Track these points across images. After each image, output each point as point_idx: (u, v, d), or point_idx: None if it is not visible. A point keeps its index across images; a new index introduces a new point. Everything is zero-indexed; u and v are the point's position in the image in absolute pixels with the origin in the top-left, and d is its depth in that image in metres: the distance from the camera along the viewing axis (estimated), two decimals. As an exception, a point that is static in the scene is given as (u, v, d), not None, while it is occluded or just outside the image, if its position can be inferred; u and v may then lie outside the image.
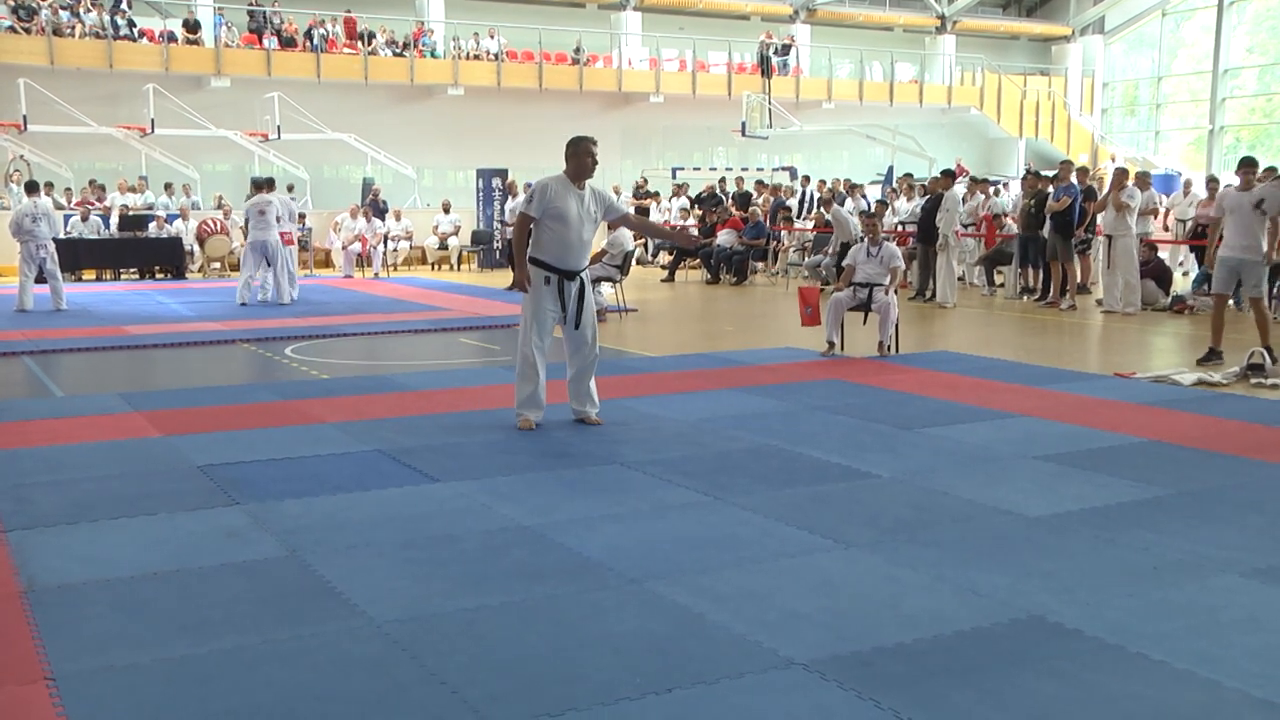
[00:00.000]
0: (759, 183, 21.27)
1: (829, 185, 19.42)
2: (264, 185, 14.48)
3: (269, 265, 14.23)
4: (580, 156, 6.55)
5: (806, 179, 20.93)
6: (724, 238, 18.16)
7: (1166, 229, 18.68)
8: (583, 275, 6.70)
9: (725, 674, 3.29)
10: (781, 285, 17.12)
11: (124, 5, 22.52)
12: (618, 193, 23.19)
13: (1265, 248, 9.21)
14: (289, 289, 14.49)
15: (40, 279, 13.60)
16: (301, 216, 19.53)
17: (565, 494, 5.32)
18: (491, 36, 25.70)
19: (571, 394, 6.88)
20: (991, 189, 17.43)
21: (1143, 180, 14.70)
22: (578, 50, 26.37)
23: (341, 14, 24.40)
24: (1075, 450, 6.12)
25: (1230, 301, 13.12)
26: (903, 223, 16.69)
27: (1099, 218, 13.40)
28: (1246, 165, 9.46)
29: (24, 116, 19.97)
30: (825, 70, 30.15)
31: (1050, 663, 3.37)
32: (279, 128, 21.98)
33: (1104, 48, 34.39)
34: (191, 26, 23.08)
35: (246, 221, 14.35)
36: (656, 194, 22.90)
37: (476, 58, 25.37)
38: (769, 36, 28.74)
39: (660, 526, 4.77)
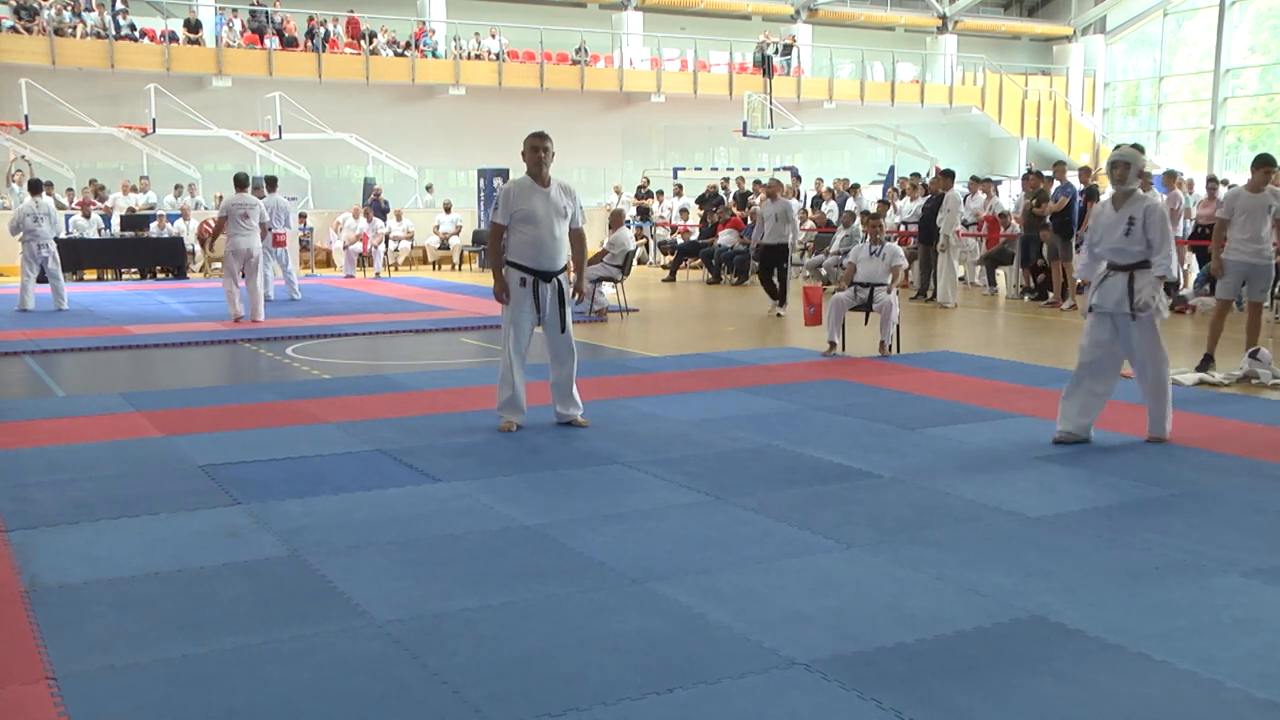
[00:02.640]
0: (757, 183, 21.29)
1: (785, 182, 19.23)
2: (247, 184, 12.81)
3: (244, 276, 12.36)
4: (527, 154, 6.54)
5: (798, 179, 20.94)
6: (725, 237, 18.16)
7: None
8: (560, 277, 6.66)
9: (726, 674, 3.29)
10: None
11: (122, 4, 22.53)
12: (618, 192, 23.24)
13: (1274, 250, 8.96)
14: (295, 284, 14.85)
15: (42, 279, 13.62)
16: (302, 216, 19.57)
17: (566, 494, 5.32)
18: (493, 36, 25.71)
19: (554, 397, 6.83)
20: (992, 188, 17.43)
21: (1144, 181, 14.61)
22: (579, 50, 26.38)
23: (344, 14, 24.41)
24: (1076, 450, 6.12)
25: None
26: (904, 222, 16.68)
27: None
28: (1264, 164, 8.91)
29: (25, 116, 19.99)
30: (826, 70, 30.15)
31: (1052, 663, 3.37)
32: (280, 128, 22.00)
33: (1105, 47, 34.37)
34: (193, 26, 23.09)
35: (222, 222, 12.53)
36: (660, 193, 22.92)
37: (478, 57, 25.37)
38: (767, 36, 28.75)
39: (661, 526, 4.77)
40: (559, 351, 6.74)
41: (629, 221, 18.49)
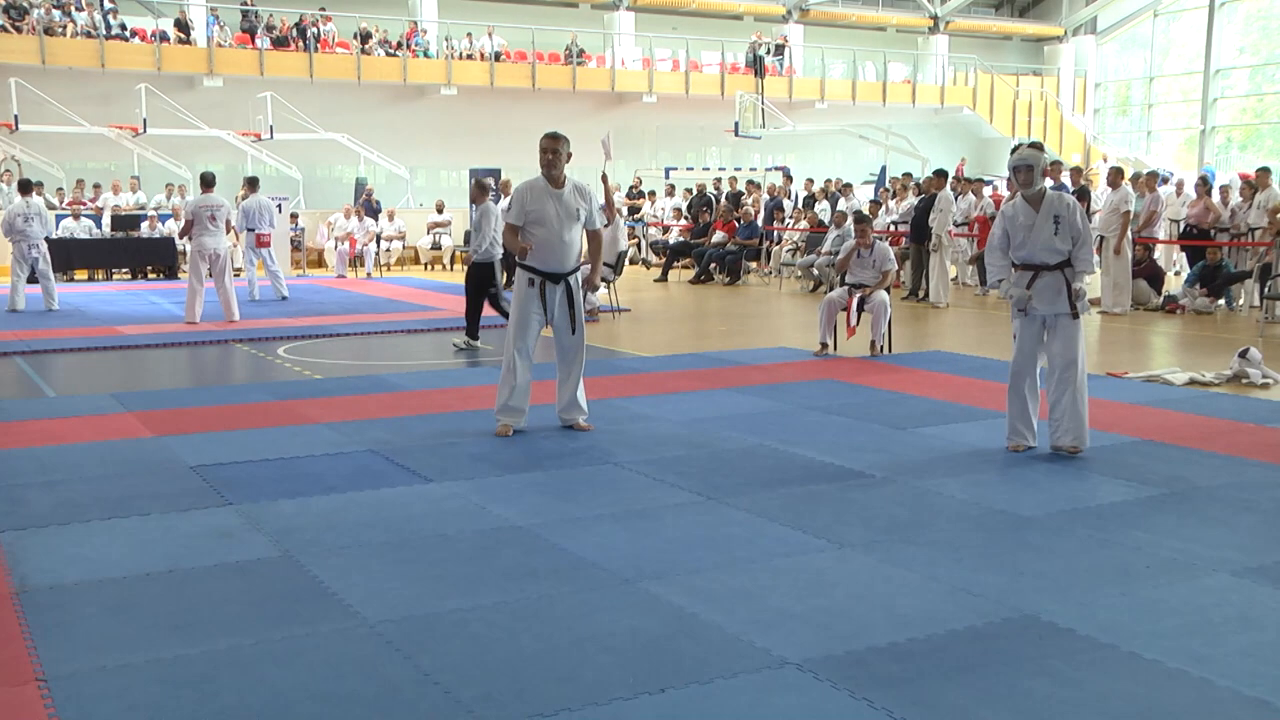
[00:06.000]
0: (750, 183, 21.29)
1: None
2: (213, 184, 12.48)
3: (211, 277, 12.32)
4: (540, 155, 6.52)
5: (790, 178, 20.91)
6: (720, 236, 18.18)
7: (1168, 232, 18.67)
8: (570, 279, 6.60)
9: (719, 674, 3.29)
10: (774, 285, 17.12)
11: (113, 4, 22.47)
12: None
13: None
14: (282, 283, 14.73)
15: (32, 279, 13.59)
16: (294, 216, 19.52)
17: (558, 494, 5.32)
18: (488, 36, 25.70)
19: (559, 400, 6.76)
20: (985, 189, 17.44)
21: (1149, 181, 14.51)
22: (571, 50, 26.37)
23: (330, 13, 24.35)
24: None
25: (1220, 301, 13.21)
26: (895, 222, 16.70)
27: (1095, 218, 13.40)
28: None
29: (15, 116, 19.91)
30: (818, 70, 30.17)
31: (1043, 662, 3.38)
32: (272, 127, 21.95)
33: (1096, 48, 34.46)
34: (184, 26, 23.04)
35: (189, 224, 12.37)
36: (653, 193, 22.90)
37: (470, 57, 25.35)
38: (759, 36, 28.76)
39: (654, 526, 4.77)
40: (566, 354, 6.66)
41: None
